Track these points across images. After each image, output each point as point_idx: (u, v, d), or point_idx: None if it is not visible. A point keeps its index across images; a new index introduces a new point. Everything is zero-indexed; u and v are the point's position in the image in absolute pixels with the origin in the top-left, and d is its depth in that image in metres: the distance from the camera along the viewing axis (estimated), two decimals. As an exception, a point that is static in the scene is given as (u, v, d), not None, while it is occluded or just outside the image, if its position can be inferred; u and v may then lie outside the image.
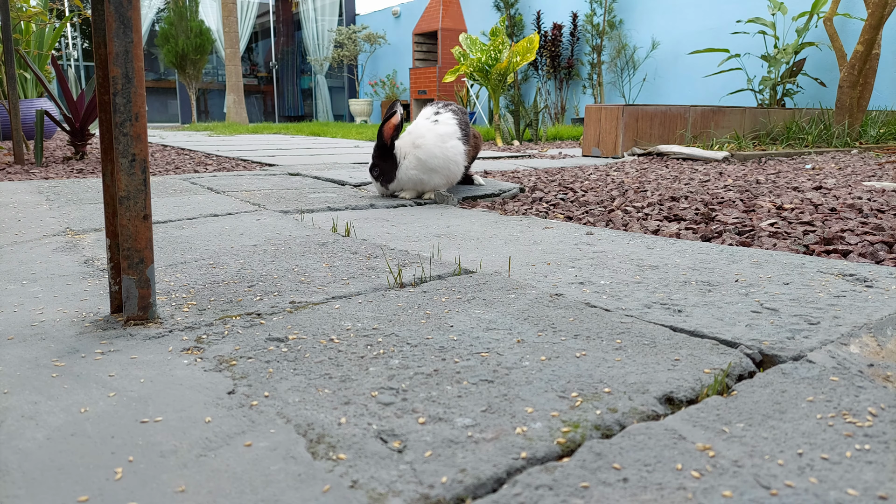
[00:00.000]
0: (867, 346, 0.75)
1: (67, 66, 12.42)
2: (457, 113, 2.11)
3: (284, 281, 1.07)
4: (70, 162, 3.59)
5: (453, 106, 2.14)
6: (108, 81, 0.84)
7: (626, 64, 8.15)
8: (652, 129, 4.32)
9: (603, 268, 1.15)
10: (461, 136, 2.06)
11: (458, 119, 2.08)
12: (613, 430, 0.57)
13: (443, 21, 10.21)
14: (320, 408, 0.61)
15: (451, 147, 2.01)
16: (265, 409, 0.61)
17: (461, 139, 2.06)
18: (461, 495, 0.48)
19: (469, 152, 2.16)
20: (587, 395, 0.63)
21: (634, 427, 0.57)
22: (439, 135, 2.01)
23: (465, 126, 2.11)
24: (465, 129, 2.11)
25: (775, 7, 5.87)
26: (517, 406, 0.61)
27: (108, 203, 0.89)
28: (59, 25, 5.21)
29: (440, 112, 2.10)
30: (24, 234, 1.49)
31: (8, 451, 0.53)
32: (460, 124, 2.08)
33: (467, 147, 2.11)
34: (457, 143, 2.03)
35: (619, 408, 0.60)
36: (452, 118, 2.07)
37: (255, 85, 15.02)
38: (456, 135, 2.04)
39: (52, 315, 0.89)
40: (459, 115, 2.11)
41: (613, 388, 0.65)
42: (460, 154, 2.04)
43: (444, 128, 2.04)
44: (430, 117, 2.08)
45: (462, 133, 2.07)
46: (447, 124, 2.04)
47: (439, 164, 2.02)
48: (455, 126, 2.05)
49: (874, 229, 1.52)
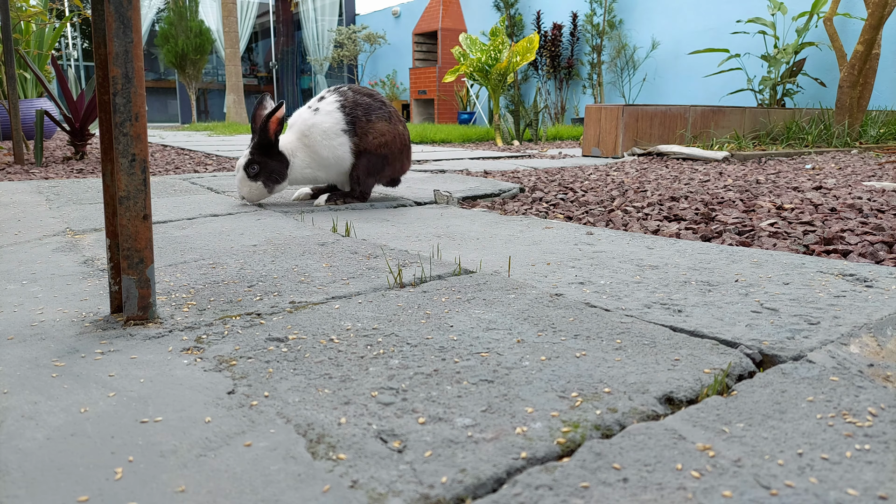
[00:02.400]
0: (867, 346, 0.75)
1: (67, 66, 12.42)
2: (345, 95, 1.90)
3: (284, 281, 1.07)
4: (70, 162, 3.59)
5: (344, 88, 1.94)
6: (108, 81, 0.84)
7: (626, 64, 8.15)
8: (652, 129, 4.32)
9: (603, 268, 1.15)
10: (346, 128, 1.88)
11: (341, 104, 1.88)
12: (613, 430, 0.57)
13: (443, 21, 10.21)
14: (320, 408, 0.61)
15: (339, 145, 1.89)
16: (265, 409, 0.61)
17: (346, 131, 1.87)
18: (461, 495, 0.48)
19: (358, 144, 1.90)
20: (587, 395, 0.63)
21: (634, 427, 0.57)
22: (324, 131, 1.87)
23: (354, 110, 1.88)
24: (353, 114, 1.88)
25: (775, 7, 5.87)
26: (517, 406, 0.61)
27: (108, 203, 0.89)
28: (59, 25, 5.21)
29: (325, 97, 1.92)
30: (24, 234, 1.49)
31: (8, 451, 0.53)
32: (344, 109, 1.88)
33: (354, 140, 1.89)
34: (344, 139, 1.88)
35: (619, 408, 0.60)
36: (334, 105, 1.88)
37: (255, 85, 15.03)
38: (339, 126, 1.87)
39: (52, 315, 0.89)
40: (348, 98, 1.89)
41: (613, 388, 0.65)
42: (346, 149, 1.88)
43: (327, 120, 1.87)
44: (312, 105, 1.92)
45: (347, 122, 1.87)
46: (330, 115, 1.87)
47: (331, 162, 1.90)
48: (339, 116, 1.87)
49: (874, 229, 1.52)
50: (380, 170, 1.95)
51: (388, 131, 1.92)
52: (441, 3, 10.23)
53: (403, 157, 2.00)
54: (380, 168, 1.94)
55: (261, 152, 1.86)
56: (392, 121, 1.94)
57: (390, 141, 1.93)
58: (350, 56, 12.48)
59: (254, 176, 1.87)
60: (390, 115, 1.94)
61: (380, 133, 1.91)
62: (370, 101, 1.92)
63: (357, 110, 1.89)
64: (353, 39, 12.39)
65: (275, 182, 1.90)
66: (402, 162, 2.01)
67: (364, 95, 1.93)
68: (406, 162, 2.02)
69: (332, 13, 13.84)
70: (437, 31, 10.28)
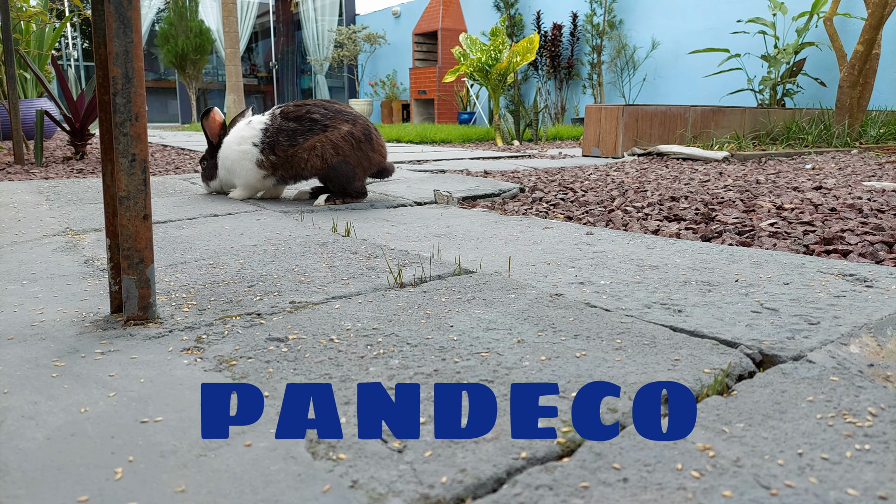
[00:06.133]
0: (867, 346, 0.75)
1: (67, 66, 12.42)
2: (274, 119, 1.93)
3: (284, 281, 1.07)
4: (70, 162, 3.59)
5: (279, 110, 1.96)
6: (108, 81, 0.84)
7: (626, 64, 8.15)
8: (652, 129, 4.32)
9: (603, 268, 1.15)
10: (259, 142, 1.93)
11: (267, 126, 1.93)
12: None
13: (443, 21, 10.21)
14: (320, 408, 0.61)
15: (243, 151, 1.96)
16: (265, 409, 0.61)
17: (258, 145, 1.93)
18: (461, 495, 0.48)
19: (273, 162, 1.94)
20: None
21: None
22: (239, 136, 1.98)
23: (276, 134, 1.92)
24: (273, 137, 1.92)
25: (775, 7, 5.87)
26: (517, 406, 0.61)
27: (108, 203, 0.89)
28: (59, 25, 5.21)
29: (264, 115, 1.99)
30: (24, 234, 1.49)
31: (8, 451, 0.53)
32: (267, 130, 1.93)
33: (264, 157, 1.94)
34: (250, 148, 1.95)
35: (618, 408, 0.60)
36: (260, 124, 1.95)
37: (255, 85, 15.02)
38: (252, 139, 1.94)
39: (52, 315, 0.89)
40: (275, 122, 1.93)
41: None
42: (250, 160, 1.95)
43: (247, 131, 1.96)
44: (249, 119, 2.01)
45: (263, 140, 1.93)
46: (252, 129, 1.95)
47: (231, 166, 2.02)
48: (257, 130, 1.94)
49: (874, 229, 1.52)
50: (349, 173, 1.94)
51: (328, 141, 1.90)
52: (441, 3, 10.23)
53: (368, 151, 1.96)
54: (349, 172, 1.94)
55: (208, 152, 2.17)
56: (329, 129, 1.91)
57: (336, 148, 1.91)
58: (350, 56, 12.48)
59: (202, 172, 2.21)
60: (325, 126, 1.91)
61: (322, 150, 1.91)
62: (296, 125, 1.92)
63: (279, 136, 1.92)
64: (353, 39, 12.38)
65: (209, 178, 2.17)
66: (369, 155, 1.96)
67: (291, 121, 1.92)
68: (374, 154, 1.98)
69: (332, 13, 13.83)
70: (438, 31, 10.28)
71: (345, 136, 1.92)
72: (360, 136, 1.94)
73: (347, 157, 1.92)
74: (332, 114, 1.93)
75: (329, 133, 1.91)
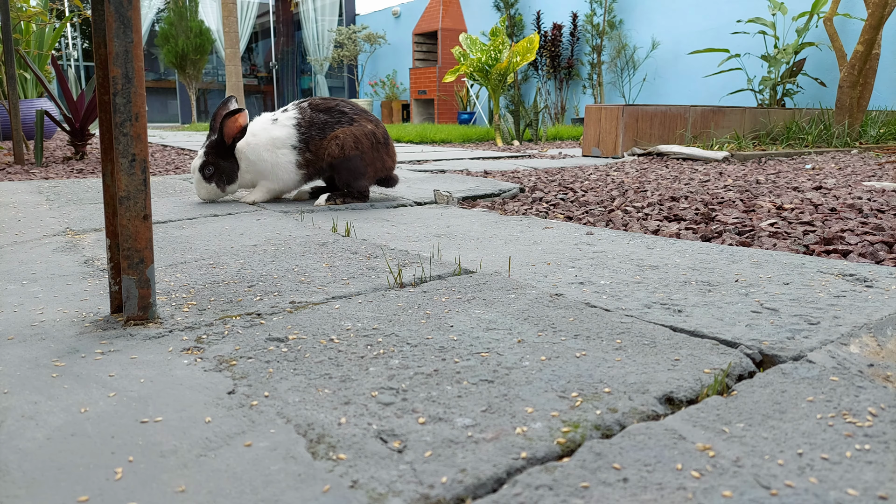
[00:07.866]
0: (867, 346, 0.75)
1: (67, 66, 12.42)
2: (303, 111, 1.95)
3: (284, 281, 1.07)
4: (70, 162, 3.59)
5: (306, 103, 1.97)
6: (108, 81, 0.84)
7: (626, 64, 8.15)
8: (652, 129, 4.32)
9: (603, 268, 1.15)
10: (298, 142, 1.92)
11: (299, 121, 1.93)
12: (613, 430, 0.57)
13: (443, 21, 10.21)
14: (320, 408, 0.61)
15: (282, 154, 1.93)
16: (265, 409, 0.61)
17: (296, 147, 1.92)
18: (461, 495, 0.48)
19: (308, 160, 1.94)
20: (587, 395, 0.63)
21: (634, 427, 0.57)
22: (272, 138, 1.93)
23: (308, 128, 1.93)
24: (307, 132, 1.92)
25: (775, 7, 5.87)
26: (517, 406, 0.61)
27: (108, 203, 0.89)
28: (59, 25, 5.21)
29: (287, 110, 1.97)
30: (25, 234, 1.49)
31: (8, 451, 0.53)
32: (300, 125, 1.93)
33: (301, 158, 1.93)
34: (288, 151, 1.93)
35: (619, 408, 0.60)
36: (289, 120, 1.93)
37: (255, 85, 15.02)
38: (290, 142, 1.92)
39: (52, 315, 0.89)
40: (305, 115, 1.94)
41: (613, 388, 0.65)
42: (290, 163, 1.94)
43: (279, 130, 1.93)
44: (274, 115, 1.98)
45: (299, 139, 1.92)
46: (284, 127, 1.93)
47: (265, 169, 1.95)
48: (291, 130, 1.92)
49: (874, 229, 1.52)
50: (361, 169, 1.95)
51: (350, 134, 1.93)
52: (441, 3, 10.23)
53: (383, 154, 1.99)
54: (361, 168, 1.95)
55: (215, 153, 1.95)
56: (355, 123, 1.95)
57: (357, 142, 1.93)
58: (350, 56, 12.48)
59: (208, 177, 1.95)
60: (352, 120, 1.95)
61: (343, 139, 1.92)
62: (326, 117, 1.94)
63: (312, 129, 1.93)
64: (353, 39, 12.38)
65: (227, 183, 1.97)
66: (383, 158, 1.99)
67: (322, 112, 1.95)
68: (387, 159, 2.01)
69: (332, 13, 13.83)
70: (438, 31, 10.28)
71: (367, 133, 1.96)
72: (381, 137, 2.00)
73: (364, 154, 1.94)
74: (358, 111, 1.99)
75: (354, 127, 1.95)
